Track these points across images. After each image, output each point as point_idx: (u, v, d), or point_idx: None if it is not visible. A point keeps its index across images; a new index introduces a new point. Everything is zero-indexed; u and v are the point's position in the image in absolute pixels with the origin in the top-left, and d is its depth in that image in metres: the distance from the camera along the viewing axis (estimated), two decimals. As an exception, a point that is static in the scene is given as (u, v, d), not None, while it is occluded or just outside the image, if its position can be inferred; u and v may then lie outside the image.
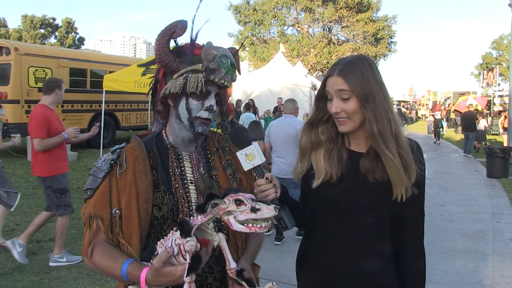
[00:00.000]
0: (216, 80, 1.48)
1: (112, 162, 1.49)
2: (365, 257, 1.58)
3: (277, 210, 1.19)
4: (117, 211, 1.44)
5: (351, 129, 1.57)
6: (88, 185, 1.50)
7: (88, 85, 14.33)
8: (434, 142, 20.94)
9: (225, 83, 1.50)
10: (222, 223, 1.48)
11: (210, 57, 1.46)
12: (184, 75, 1.48)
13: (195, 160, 1.59)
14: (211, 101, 1.50)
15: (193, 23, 1.51)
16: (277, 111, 16.41)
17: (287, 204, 1.59)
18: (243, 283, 1.35)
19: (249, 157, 1.51)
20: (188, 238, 1.24)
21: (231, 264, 1.34)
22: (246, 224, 1.20)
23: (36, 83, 12.63)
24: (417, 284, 1.65)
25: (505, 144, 13.67)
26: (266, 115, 15.84)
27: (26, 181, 9.21)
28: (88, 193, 1.50)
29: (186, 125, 1.51)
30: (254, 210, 1.19)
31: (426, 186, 1.65)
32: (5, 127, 12.01)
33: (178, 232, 1.27)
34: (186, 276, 1.22)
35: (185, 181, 1.53)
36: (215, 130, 1.76)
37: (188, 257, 1.23)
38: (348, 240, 1.60)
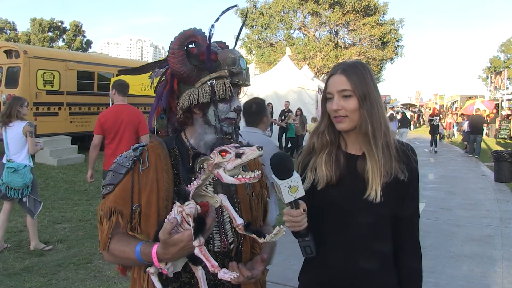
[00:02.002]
0: (241, 82, 1.51)
1: (135, 158, 1.50)
2: (363, 256, 1.62)
3: (260, 149, 1.22)
4: (137, 207, 1.46)
5: (348, 127, 1.62)
6: (108, 181, 1.50)
7: (95, 88, 14.43)
8: (430, 151, 18.64)
9: (248, 84, 1.55)
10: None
11: (229, 61, 1.48)
12: (209, 82, 1.48)
13: None
14: (237, 102, 1.54)
15: (210, 32, 1.49)
16: (284, 115, 16.43)
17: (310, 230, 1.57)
18: (253, 235, 1.35)
19: (293, 189, 1.41)
20: (187, 202, 1.26)
21: (238, 221, 1.35)
22: (236, 176, 1.23)
23: (44, 86, 12.74)
24: (414, 284, 1.69)
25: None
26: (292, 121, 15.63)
27: (34, 183, 9.26)
28: (108, 188, 1.49)
29: (217, 128, 1.52)
30: (239, 155, 1.22)
31: (432, 190, 1.68)
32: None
33: (178, 201, 1.29)
34: (194, 240, 1.23)
35: None
36: None
37: (191, 220, 1.24)
38: (346, 240, 1.64)
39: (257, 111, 3.84)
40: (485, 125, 17.40)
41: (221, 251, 1.50)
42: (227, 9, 1.56)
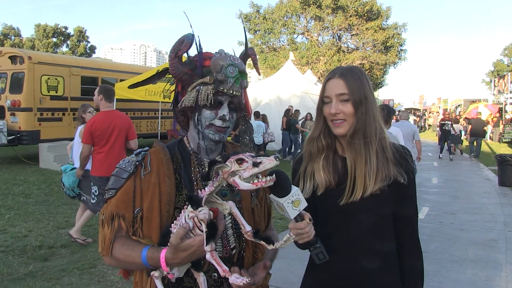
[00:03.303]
0: (225, 90, 1.50)
1: (137, 163, 1.52)
2: (364, 257, 1.63)
3: (277, 159, 1.23)
4: (139, 211, 1.48)
5: (345, 131, 1.63)
6: (111, 185, 1.52)
7: (99, 93, 14.47)
8: (451, 159, 17.34)
9: (234, 93, 1.52)
10: (243, 236, 1.49)
11: (218, 68, 1.50)
12: (196, 88, 1.51)
13: None
14: (224, 111, 1.53)
15: (192, 40, 1.53)
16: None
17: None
18: (262, 242, 1.36)
19: (296, 203, 1.41)
20: (200, 208, 1.27)
21: (246, 227, 1.36)
22: (251, 181, 1.24)
23: (48, 91, 12.80)
24: (415, 284, 1.71)
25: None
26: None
27: (38, 188, 9.31)
28: (111, 193, 1.52)
29: (203, 134, 1.55)
30: (256, 164, 1.23)
31: (436, 194, 1.69)
32: (18, 135, 12.20)
33: (189, 207, 1.30)
34: (206, 245, 1.25)
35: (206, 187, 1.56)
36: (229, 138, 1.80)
37: (203, 226, 1.26)
38: (347, 241, 1.65)
39: (388, 114, 5.26)
40: (485, 128, 18.09)
41: (223, 257, 1.51)
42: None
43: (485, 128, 18.28)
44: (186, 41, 1.52)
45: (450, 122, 19.11)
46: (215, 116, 1.52)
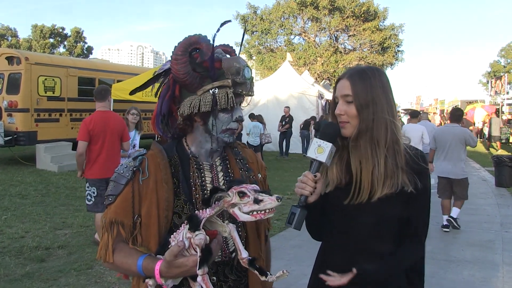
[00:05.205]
0: (244, 93, 1.50)
1: (134, 169, 1.49)
2: (364, 257, 1.61)
3: (279, 200, 1.25)
4: (138, 217, 1.46)
5: (350, 133, 1.62)
6: (110, 191, 1.50)
7: (96, 94, 14.44)
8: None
9: (252, 94, 1.54)
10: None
11: (234, 70, 1.46)
12: (211, 91, 1.46)
13: (215, 171, 1.59)
14: (239, 112, 1.53)
15: (213, 40, 1.47)
16: (284, 120, 16.46)
17: (310, 211, 1.58)
18: (255, 271, 1.36)
19: (320, 149, 1.54)
20: (197, 232, 1.27)
21: (243, 254, 1.36)
22: (251, 213, 1.25)
23: (45, 92, 12.78)
24: (412, 284, 1.72)
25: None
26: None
27: (35, 189, 9.28)
28: (110, 199, 1.49)
29: (217, 138, 1.52)
30: (257, 201, 1.24)
31: (433, 195, 1.67)
32: (15, 136, 12.17)
33: (187, 226, 1.30)
34: (198, 269, 1.25)
35: (205, 191, 1.53)
36: None
37: (198, 250, 1.27)
38: (349, 240, 1.64)
39: (461, 114, 7.35)
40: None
41: (222, 261, 1.50)
42: (225, 22, 1.54)
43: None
44: (205, 43, 1.47)
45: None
46: (231, 119, 1.52)
